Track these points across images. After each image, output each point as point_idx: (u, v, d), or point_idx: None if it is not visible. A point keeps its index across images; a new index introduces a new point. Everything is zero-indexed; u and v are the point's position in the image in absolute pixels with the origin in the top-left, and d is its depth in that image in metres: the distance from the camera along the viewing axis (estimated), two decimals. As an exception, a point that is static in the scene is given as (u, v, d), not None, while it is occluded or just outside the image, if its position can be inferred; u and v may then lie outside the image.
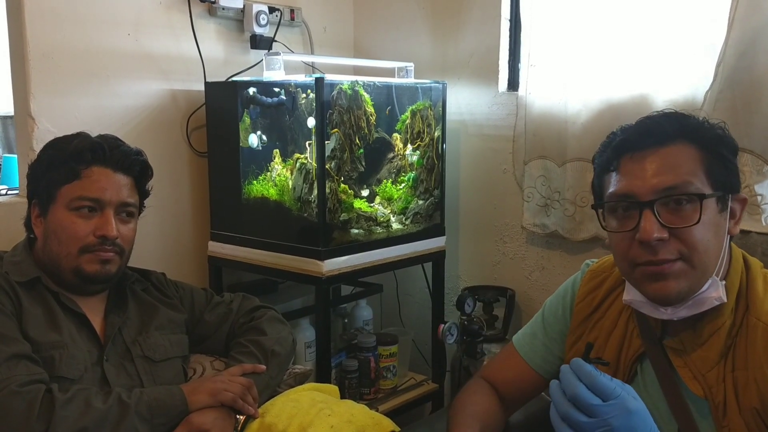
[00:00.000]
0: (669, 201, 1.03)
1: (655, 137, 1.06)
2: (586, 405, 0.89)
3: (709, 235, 1.03)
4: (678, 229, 1.02)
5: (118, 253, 1.42)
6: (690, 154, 1.05)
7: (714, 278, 1.05)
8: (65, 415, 1.18)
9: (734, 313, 1.07)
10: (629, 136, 1.08)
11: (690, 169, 1.03)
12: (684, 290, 1.04)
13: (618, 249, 1.09)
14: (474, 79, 2.34)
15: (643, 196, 1.04)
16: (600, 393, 0.89)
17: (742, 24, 1.65)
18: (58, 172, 1.39)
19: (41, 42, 1.82)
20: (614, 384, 0.90)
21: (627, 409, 0.89)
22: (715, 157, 1.05)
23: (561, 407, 0.91)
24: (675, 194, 1.02)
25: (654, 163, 1.04)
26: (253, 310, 1.63)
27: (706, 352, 1.07)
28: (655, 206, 1.03)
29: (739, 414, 1.03)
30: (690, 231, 1.02)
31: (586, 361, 0.95)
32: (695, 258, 1.03)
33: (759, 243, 1.51)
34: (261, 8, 2.22)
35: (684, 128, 1.06)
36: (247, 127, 2.02)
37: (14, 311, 1.31)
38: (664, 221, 1.02)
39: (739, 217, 1.09)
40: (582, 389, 0.90)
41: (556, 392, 0.93)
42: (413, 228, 2.14)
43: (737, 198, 1.09)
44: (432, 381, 2.31)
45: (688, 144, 1.05)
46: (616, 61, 1.91)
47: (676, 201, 1.02)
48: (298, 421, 1.33)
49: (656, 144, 1.05)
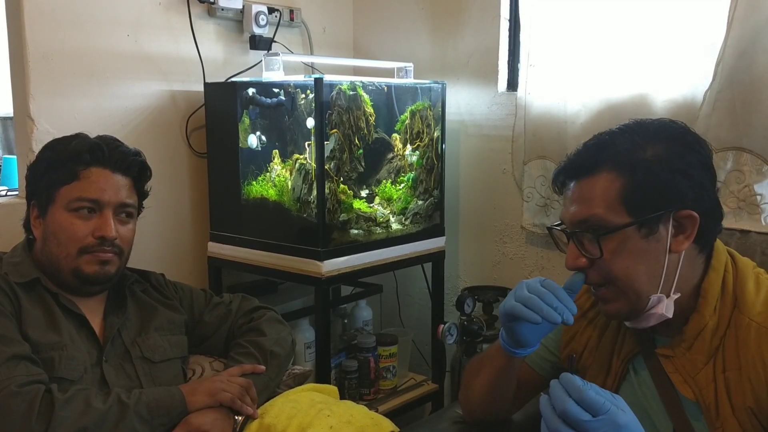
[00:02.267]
0: (585, 232, 1.07)
1: (578, 169, 1.10)
2: (576, 421, 0.89)
3: (630, 262, 1.06)
4: (593, 259, 1.07)
5: (117, 253, 1.42)
6: (607, 184, 1.05)
7: (659, 296, 1.07)
8: (65, 416, 1.18)
9: (718, 312, 1.07)
10: (566, 165, 1.13)
11: (602, 201, 1.05)
12: (623, 312, 1.10)
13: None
14: (473, 79, 2.34)
15: (568, 225, 1.10)
16: (589, 408, 0.89)
17: (741, 23, 1.65)
18: (57, 173, 1.39)
19: (40, 43, 1.82)
20: (603, 398, 0.90)
21: (617, 424, 0.89)
22: (640, 182, 1.04)
23: (551, 424, 0.91)
24: (585, 228, 1.07)
25: (574, 194, 1.10)
26: (253, 311, 1.63)
27: (694, 355, 1.08)
28: (577, 236, 1.08)
29: (732, 414, 1.03)
30: (602, 262, 1.06)
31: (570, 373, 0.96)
32: (619, 284, 1.07)
33: (759, 243, 1.52)
34: (260, 9, 2.22)
35: (608, 156, 1.07)
36: (246, 127, 2.02)
37: (14, 312, 1.31)
38: (583, 251, 1.07)
39: (691, 233, 1.05)
40: (571, 405, 0.89)
41: (546, 408, 0.93)
42: (413, 228, 2.14)
43: (684, 215, 1.04)
44: (432, 381, 2.30)
45: (608, 172, 1.06)
46: (616, 61, 1.91)
47: (593, 232, 1.06)
48: (297, 421, 1.33)
49: (579, 175, 1.09)
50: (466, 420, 1.40)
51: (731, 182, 1.74)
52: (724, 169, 1.73)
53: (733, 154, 1.72)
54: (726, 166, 1.73)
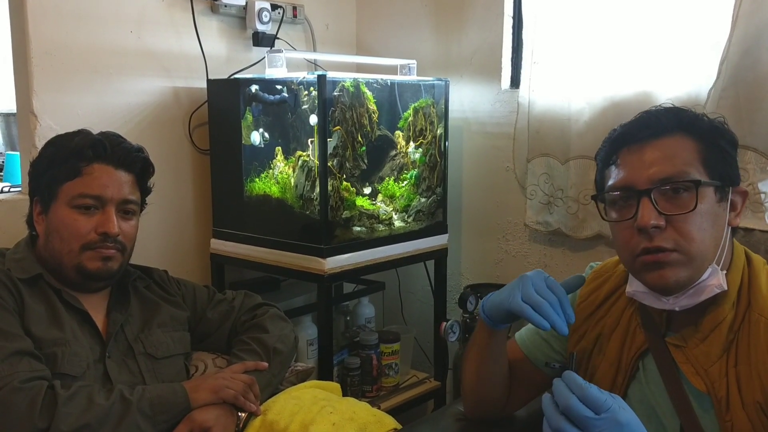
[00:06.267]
0: (666, 190, 1.05)
1: (653, 129, 1.08)
2: (579, 417, 0.90)
3: (706, 224, 1.05)
4: (674, 216, 1.04)
5: (119, 250, 1.42)
6: (687, 145, 1.07)
7: (714, 266, 1.06)
8: (67, 412, 1.18)
9: (736, 308, 1.08)
10: (627, 129, 1.11)
11: (686, 160, 1.06)
12: (682, 279, 1.05)
13: (619, 240, 1.11)
14: (477, 76, 2.33)
15: (641, 185, 1.06)
16: (592, 405, 0.90)
17: (746, 21, 1.65)
18: (60, 170, 1.39)
19: (44, 39, 1.82)
20: (605, 396, 0.91)
21: (619, 422, 0.90)
22: (712, 149, 1.07)
23: (553, 421, 0.92)
24: (671, 183, 1.04)
25: (651, 154, 1.07)
26: (255, 308, 1.63)
27: (708, 347, 1.07)
28: (653, 194, 1.05)
29: (742, 408, 1.03)
30: (686, 219, 1.03)
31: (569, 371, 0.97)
32: (692, 248, 1.04)
33: (762, 241, 1.51)
34: (263, 5, 2.22)
35: (681, 120, 1.08)
36: (249, 124, 2.01)
37: (16, 308, 1.32)
38: (661, 209, 1.04)
39: (740, 210, 1.10)
40: (574, 401, 0.90)
41: (548, 406, 0.94)
42: (415, 226, 2.14)
43: (737, 191, 1.10)
44: (434, 379, 2.30)
45: (685, 135, 1.07)
46: (620, 59, 1.91)
47: (674, 189, 1.04)
48: (300, 418, 1.33)
49: (653, 136, 1.08)
50: (467, 416, 1.40)
51: (735, 180, 1.73)
52: (728, 167, 1.73)
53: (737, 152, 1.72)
54: (730, 164, 1.73)
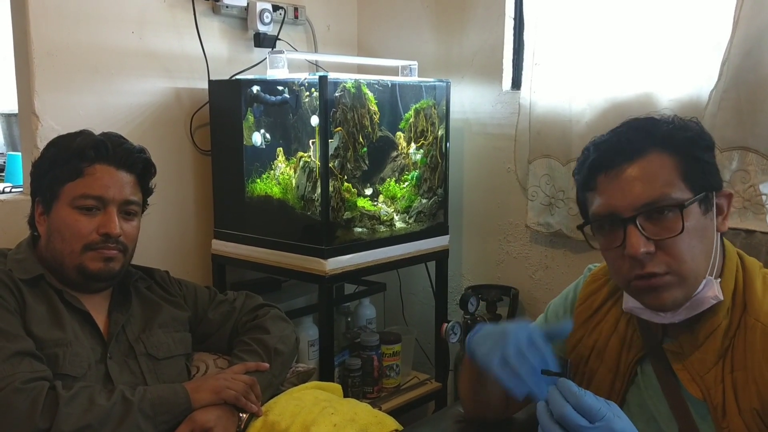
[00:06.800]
0: (651, 213, 1.03)
1: (626, 154, 1.05)
2: (573, 426, 0.89)
3: (695, 241, 1.03)
4: (663, 240, 1.02)
5: (121, 250, 1.42)
6: (664, 163, 1.04)
7: (708, 278, 1.05)
8: (69, 412, 1.18)
9: (730, 314, 1.07)
10: (601, 155, 1.08)
11: (666, 179, 1.03)
12: (679, 299, 1.05)
13: (611, 265, 1.10)
14: (478, 77, 2.33)
15: (625, 212, 1.04)
16: (586, 413, 0.90)
17: (747, 23, 1.65)
18: (62, 170, 1.39)
19: (45, 40, 1.82)
20: (600, 404, 0.91)
21: (613, 431, 0.89)
22: (690, 162, 1.05)
23: (548, 430, 0.91)
24: (655, 207, 1.02)
25: (630, 179, 1.04)
26: (257, 309, 1.63)
27: (704, 354, 1.07)
28: (638, 221, 1.03)
29: (738, 415, 1.03)
30: (674, 241, 1.02)
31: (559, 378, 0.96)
32: (684, 269, 1.03)
33: (764, 242, 1.51)
34: (265, 6, 2.22)
35: (654, 137, 1.06)
36: (250, 125, 2.02)
37: (18, 308, 1.32)
38: (649, 234, 1.02)
39: (727, 213, 1.09)
40: (569, 410, 0.90)
41: (543, 414, 0.93)
42: (416, 227, 2.14)
43: (722, 194, 1.09)
44: (435, 380, 2.30)
45: (660, 152, 1.05)
46: (621, 60, 1.91)
47: (659, 211, 1.02)
48: (301, 419, 1.33)
49: (628, 160, 1.05)
50: (467, 418, 1.40)
51: (736, 182, 1.73)
52: (729, 169, 1.72)
53: (738, 153, 1.72)
54: (731, 166, 1.73)
